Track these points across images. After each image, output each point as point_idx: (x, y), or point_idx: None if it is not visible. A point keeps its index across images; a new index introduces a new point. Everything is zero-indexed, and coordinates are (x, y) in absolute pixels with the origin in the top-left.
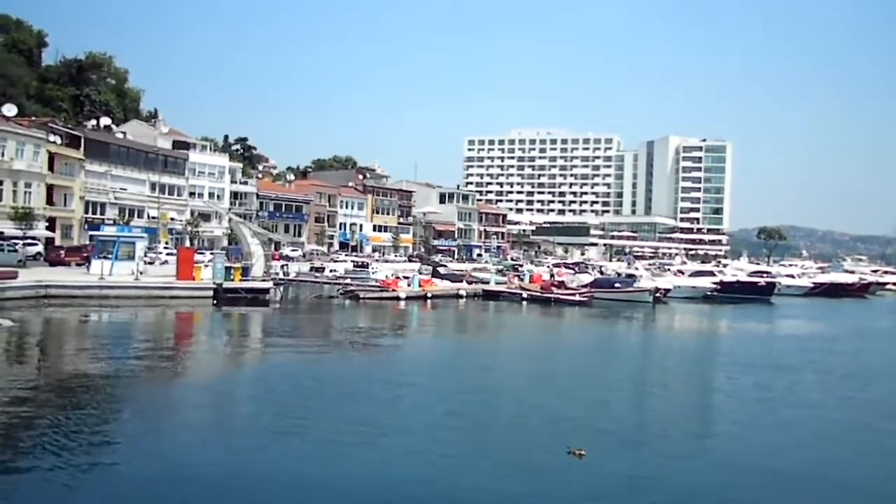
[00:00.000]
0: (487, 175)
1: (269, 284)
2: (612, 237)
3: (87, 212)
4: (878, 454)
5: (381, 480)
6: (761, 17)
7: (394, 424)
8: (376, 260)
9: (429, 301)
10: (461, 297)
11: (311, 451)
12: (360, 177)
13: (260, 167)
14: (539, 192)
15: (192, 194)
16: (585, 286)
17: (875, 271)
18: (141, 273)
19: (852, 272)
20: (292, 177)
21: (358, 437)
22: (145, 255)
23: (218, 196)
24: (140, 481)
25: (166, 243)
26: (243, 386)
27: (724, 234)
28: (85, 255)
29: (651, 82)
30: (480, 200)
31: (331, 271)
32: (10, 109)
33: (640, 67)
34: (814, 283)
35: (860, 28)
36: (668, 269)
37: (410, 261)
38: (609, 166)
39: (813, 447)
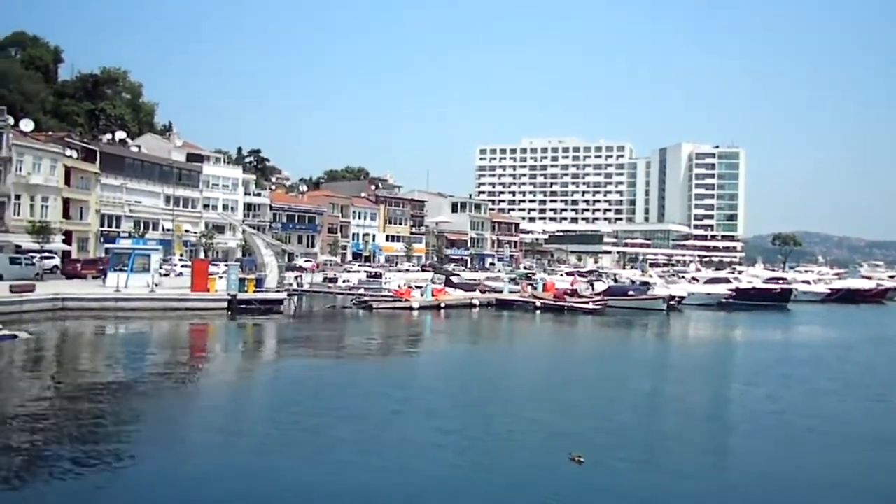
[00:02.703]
0: (499, 184)
1: (283, 295)
2: (626, 245)
3: (102, 225)
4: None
5: (374, 496)
6: (775, 23)
7: (393, 438)
8: (389, 270)
9: (442, 310)
10: (474, 306)
11: (310, 466)
12: (373, 187)
13: (273, 179)
14: (552, 201)
15: (206, 206)
16: (599, 294)
17: (892, 277)
18: (156, 285)
19: (869, 278)
20: (305, 188)
21: (355, 453)
22: (160, 268)
23: (232, 208)
24: (153, 491)
25: (181, 255)
26: (251, 399)
27: (738, 240)
28: (101, 267)
29: (663, 89)
30: (493, 209)
31: (344, 282)
32: (27, 125)
33: (651, 74)
34: (830, 290)
35: (875, 34)
36: (683, 277)
37: (423, 270)
38: (622, 174)
39: (830, 464)
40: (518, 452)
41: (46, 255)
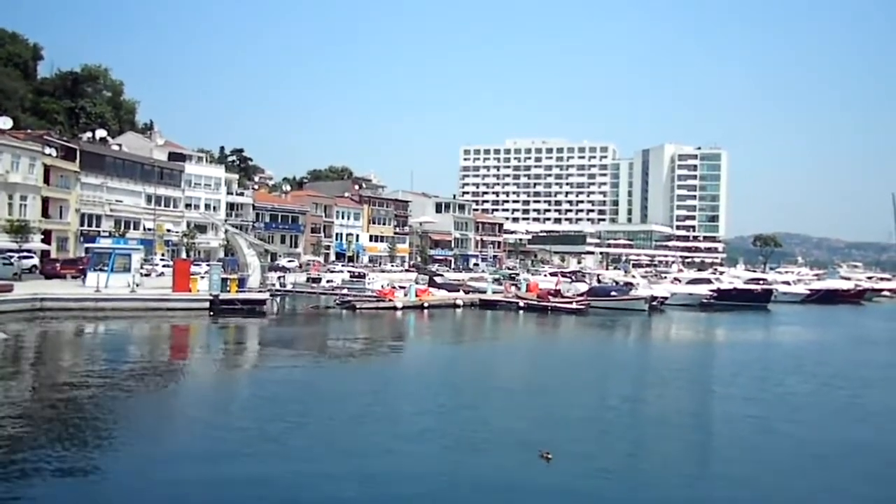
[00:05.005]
0: (483, 184)
1: (266, 295)
2: (609, 245)
3: (82, 224)
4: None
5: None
6: (756, 24)
7: (374, 441)
8: (373, 270)
9: (425, 311)
10: (458, 306)
11: (272, 471)
12: (357, 187)
13: (256, 178)
14: (535, 201)
15: (188, 206)
16: (582, 294)
17: (870, 278)
18: (137, 285)
19: (848, 279)
20: (288, 188)
21: (323, 459)
22: (141, 267)
23: (214, 207)
24: (130, 493)
25: (162, 255)
26: (227, 403)
27: (720, 241)
28: (81, 267)
29: (646, 91)
30: (477, 210)
31: (327, 282)
32: (5, 122)
33: (635, 76)
34: (810, 290)
35: (855, 36)
36: (665, 277)
37: (407, 270)
38: (605, 175)
39: (807, 470)
40: (490, 449)
41: (25, 254)
